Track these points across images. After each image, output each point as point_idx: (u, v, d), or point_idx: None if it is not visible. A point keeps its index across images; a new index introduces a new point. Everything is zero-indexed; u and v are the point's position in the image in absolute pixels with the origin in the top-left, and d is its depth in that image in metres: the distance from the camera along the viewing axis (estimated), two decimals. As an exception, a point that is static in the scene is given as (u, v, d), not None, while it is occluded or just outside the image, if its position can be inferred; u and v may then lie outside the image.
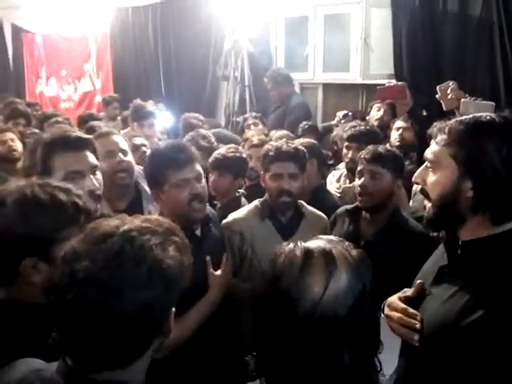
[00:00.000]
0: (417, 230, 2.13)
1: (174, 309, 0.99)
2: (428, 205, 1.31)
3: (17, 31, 7.71)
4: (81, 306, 0.88)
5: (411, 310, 1.28)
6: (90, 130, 3.06)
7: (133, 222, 0.96)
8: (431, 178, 1.27)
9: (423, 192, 1.34)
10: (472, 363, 1.14)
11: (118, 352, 0.91)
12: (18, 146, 3.58)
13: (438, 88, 2.62)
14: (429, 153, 1.29)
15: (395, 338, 1.32)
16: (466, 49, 4.22)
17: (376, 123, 3.74)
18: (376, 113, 3.95)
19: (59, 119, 3.97)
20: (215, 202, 2.77)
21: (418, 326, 1.25)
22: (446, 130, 1.24)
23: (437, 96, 2.61)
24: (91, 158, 1.80)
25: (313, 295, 0.92)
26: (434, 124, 1.32)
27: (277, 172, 2.17)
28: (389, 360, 1.31)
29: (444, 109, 2.61)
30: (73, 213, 1.20)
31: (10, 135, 3.56)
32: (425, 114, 3.16)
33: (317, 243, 1.01)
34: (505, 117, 1.23)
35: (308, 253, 0.98)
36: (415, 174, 1.33)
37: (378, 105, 3.96)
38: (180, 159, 1.83)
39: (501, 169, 1.16)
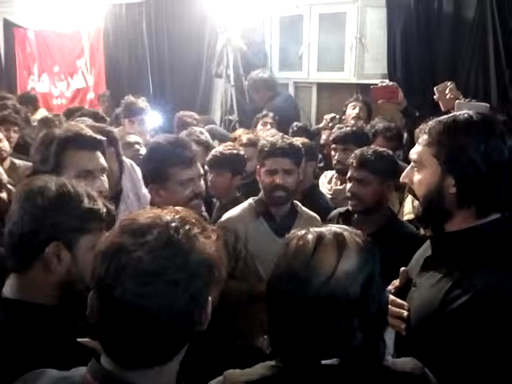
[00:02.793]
0: (410, 233, 2.12)
1: (210, 298, 0.97)
2: (416, 203, 1.40)
3: (8, 26, 7.64)
4: (130, 300, 0.85)
5: (398, 301, 1.35)
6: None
7: (168, 214, 0.94)
8: (416, 177, 1.33)
9: (410, 191, 1.40)
10: (457, 349, 1.18)
11: (163, 346, 0.89)
12: (6, 145, 3.57)
13: (435, 89, 2.62)
14: (413, 153, 1.35)
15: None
16: (459, 50, 4.23)
17: (353, 121, 3.74)
18: (352, 111, 3.99)
19: (49, 116, 3.93)
20: (214, 200, 2.75)
21: (405, 314, 1.31)
22: (427, 130, 1.30)
23: (435, 97, 2.60)
24: (102, 159, 1.79)
25: (324, 273, 0.96)
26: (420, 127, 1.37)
27: (271, 168, 2.16)
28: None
29: (442, 109, 2.62)
30: (101, 209, 1.24)
31: None
32: (418, 114, 3.15)
33: (328, 227, 1.06)
34: (483, 114, 1.29)
35: (320, 235, 1.02)
36: (403, 174, 1.39)
37: (353, 103, 4.03)
38: (187, 157, 1.83)
39: (480, 164, 1.21)
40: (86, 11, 6.81)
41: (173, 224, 0.91)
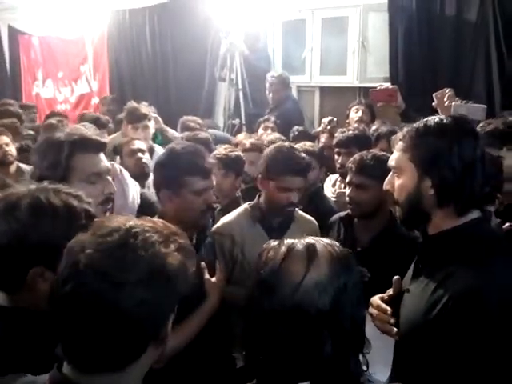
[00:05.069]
0: (413, 236, 2.11)
1: (172, 315, 0.97)
2: (397, 208, 1.41)
3: (13, 33, 7.70)
4: (78, 296, 0.87)
5: (383, 306, 1.38)
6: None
7: (139, 221, 0.96)
8: (397, 182, 1.37)
9: (390, 197, 1.43)
10: (446, 353, 1.19)
11: (112, 351, 0.89)
12: (12, 150, 3.61)
13: (434, 96, 2.61)
14: (391, 160, 1.40)
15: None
16: (462, 53, 4.23)
17: (356, 125, 3.74)
18: (355, 114, 3.99)
19: (53, 121, 3.95)
20: (215, 205, 2.75)
21: (392, 321, 1.34)
22: (401, 136, 1.35)
23: (433, 104, 2.60)
24: (106, 161, 1.80)
25: (291, 283, 0.94)
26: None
27: (287, 186, 2.12)
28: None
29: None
30: (85, 221, 1.18)
31: (4, 139, 3.57)
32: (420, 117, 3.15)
33: (303, 239, 1.04)
34: (453, 117, 1.34)
35: (291, 246, 1.01)
36: (385, 182, 1.43)
37: (356, 106, 4.03)
38: (206, 168, 1.83)
39: (455, 165, 1.25)
40: (89, 17, 6.85)
41: (134, 229, 0.92)
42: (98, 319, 0.87)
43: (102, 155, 1.77)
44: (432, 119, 1.33)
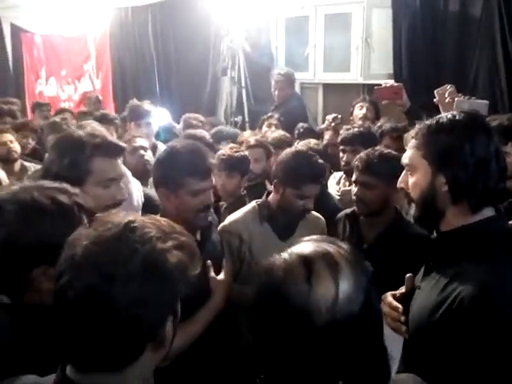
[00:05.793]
0: (419, 232, 2.10)
1: (172, 318, 0.94)
2: (412, 205, 1.42)
3: (16, 31, 7.70)
4: (73, 288, 0.86)
5: (394, 304, 1.38)
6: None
7: (141, 218, 0.95)
8: (410, 180, 1.37)
9: (406, 195, 1.42)
10: (455, 349, 1.18)
11: (106, 350, 0.87)
12: (16, 146, 3.63)
13: (435, 92, 2.60)
14: (404, 158, 1.39)
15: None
16: (466, 49, 4.21)
17: (360, 122, 3.73)
18: (359, 111, 3.97)
19: (57, 119, 3.95)
20: (221, 203, 2.74)
21: (402, 318, 1.34)
22: (414, 134, 1.35)
23: (435, 100, 2.59)
24: (121, 166, 1.79)
25: (327, 303, 0.88)
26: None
27: (307, 194, 2.12)
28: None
29: (442, 112, 2.58)
30: (77, 214, 1.17)
31: (8, 136, 3.59)
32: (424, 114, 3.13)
33: (310, 248, 0.95)
34: (467, 113, 1.33)
35: (307, 260, 0.92)
36: (399, 180, 1.43)
37: (360, 103, 4.00)
38: (205, 169, 1.81)
39: (467, 161, 1.25)
40: (91, 15, 6.85)
41: (133, 224, 0.91)
42: (90, 314, 0.85)
43: (118, 160, 1.76)
44: (445, 116, 1.32)
